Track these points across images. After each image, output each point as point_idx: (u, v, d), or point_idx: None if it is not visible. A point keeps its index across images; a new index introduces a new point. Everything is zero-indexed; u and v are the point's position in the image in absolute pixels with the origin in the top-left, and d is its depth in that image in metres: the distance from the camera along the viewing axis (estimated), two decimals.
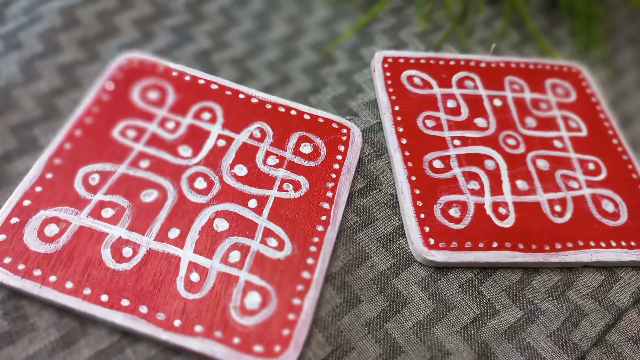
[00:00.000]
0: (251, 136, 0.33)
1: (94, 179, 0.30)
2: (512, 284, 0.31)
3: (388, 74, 0.37)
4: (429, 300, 0.30)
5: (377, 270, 0.30)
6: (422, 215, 0.31)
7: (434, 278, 0.30)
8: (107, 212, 0.29)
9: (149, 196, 0.30)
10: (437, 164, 0.33)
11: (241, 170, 0.31)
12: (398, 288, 0.30)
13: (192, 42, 0.38)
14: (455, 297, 0.30)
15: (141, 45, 0.37)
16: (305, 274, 0.28)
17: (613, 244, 0.32)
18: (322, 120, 0.34)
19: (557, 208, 0.32)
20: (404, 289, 0.30)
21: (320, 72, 0.38)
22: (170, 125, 0.32)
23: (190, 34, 0.39)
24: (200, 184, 0.30)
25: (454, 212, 0.31)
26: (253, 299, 0.27)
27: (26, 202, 0.28)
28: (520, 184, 0.33)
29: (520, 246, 0.31)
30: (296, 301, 0.27)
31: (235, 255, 0.28)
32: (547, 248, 0.31)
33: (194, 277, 0.27)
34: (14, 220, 0.28)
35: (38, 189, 0.29)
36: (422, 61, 0.38)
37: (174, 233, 0.29)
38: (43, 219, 0.28)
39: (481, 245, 0.30)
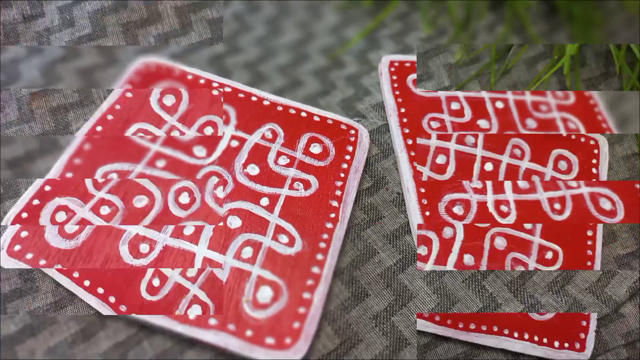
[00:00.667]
0: (263, 137, 0.33)
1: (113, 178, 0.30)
2: (513, 278, 0.31)
3: (394, 77, 0.37)
4: (433, 295, 0.30)
5: (383, 265, 0.31)
6: (427, 213, 0.31)
7: (439, 273, 0.31)
8: None
9: None
10: None
11: (253, 169, 0.32)
12: (404, 283, 0.30)
13: (206, 47, 0.38)
14: (459, 292, 0.30)
15: (157, 50, 0.37)
16: (315, 269, 0.29)
17: None
18: (331, 122, 0.34)
19: (557, 206, 0.33)
20: (409, 284, 0.30)
21: (329, 75, 0.38)
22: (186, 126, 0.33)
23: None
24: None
25: (457, 209, 0.32)
26: (265, 293, 0.28)
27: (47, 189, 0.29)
28: (521, 183, 0.33)
29: None
30: (306, 295, 0.28)
31: (247, 252, 0.29)
32: None
33: None
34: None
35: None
36: None
37: (189, 230, 0.29)
38: (57, 205, 0.29)
39: None
